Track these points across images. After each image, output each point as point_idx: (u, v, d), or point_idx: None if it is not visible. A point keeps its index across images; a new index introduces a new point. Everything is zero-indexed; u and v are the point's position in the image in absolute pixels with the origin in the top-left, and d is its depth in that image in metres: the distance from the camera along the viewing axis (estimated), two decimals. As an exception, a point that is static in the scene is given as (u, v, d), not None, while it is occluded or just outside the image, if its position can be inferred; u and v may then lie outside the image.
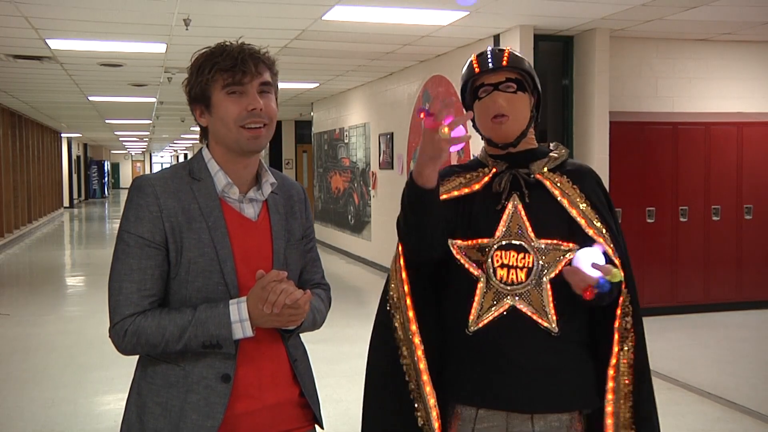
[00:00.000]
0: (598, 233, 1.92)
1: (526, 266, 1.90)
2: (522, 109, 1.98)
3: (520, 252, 1.91)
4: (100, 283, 10.57)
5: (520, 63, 2.00)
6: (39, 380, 5.66)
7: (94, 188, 35.47)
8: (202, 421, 1.72)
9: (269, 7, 6.19)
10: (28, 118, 17.85)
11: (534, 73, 2.03)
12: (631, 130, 7.50)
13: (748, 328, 7.24)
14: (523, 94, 1.98)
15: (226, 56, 1.77)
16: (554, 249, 1.92)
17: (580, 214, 1.94)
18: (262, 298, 1.66)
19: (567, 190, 1.97)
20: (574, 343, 1.92)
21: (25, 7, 6.09)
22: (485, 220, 1.97)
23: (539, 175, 1.99)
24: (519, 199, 1.96)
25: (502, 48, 2.04)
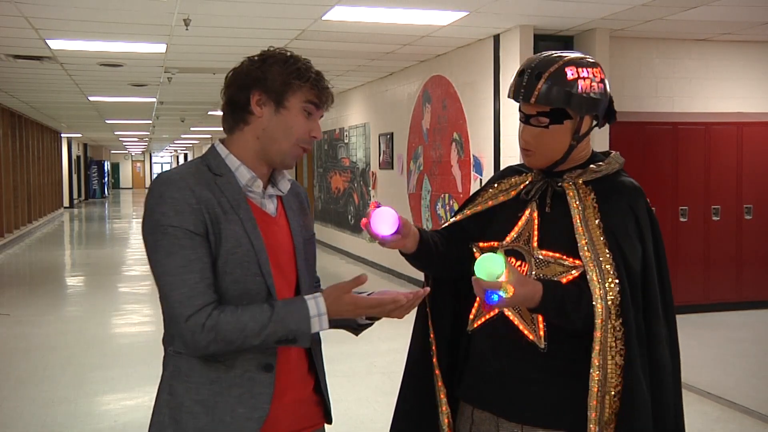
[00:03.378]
0: (592, 259, 1.78)
1: (522, 272, 1.87)
2: (551, 143, 1.87)
3: (518, 259, 1.89)
4: (100, 283, 10.59)
5: (555, 98, 1.81)
6: (39, 380, 5.66)
7: (94, 188, 35.45)
8: (249, 413, 1.72)
9: (269, 7, 6.19)
10: (28, 118, 17.85)
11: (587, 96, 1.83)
12: (631, 130, 7.50)
13: (748, 328, 7.24)
14: (557, 127, 1.85)
15: (319, 77, 1.80)
16: (555, 263, 1.85)
17: (584, 233, 1.82)
18: (384, 312, 1.76)
19: (587, 206, 1.87)
20: (564, 360, 1.83)
21: (25, 7, 6.09)
22: (504, 224, 1.97)
23: (567, 185, 1.91)
24: (537, 208, 1.92)
25: (542, 72, 1.82)
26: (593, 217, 1.84)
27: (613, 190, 1.90)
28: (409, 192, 9.84)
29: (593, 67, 1.87)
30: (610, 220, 1.84)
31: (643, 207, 1.90)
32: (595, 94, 1.84)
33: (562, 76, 1.81)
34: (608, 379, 1.74)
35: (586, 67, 1.85)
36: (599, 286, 1.75)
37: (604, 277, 1.76)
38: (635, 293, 1.79)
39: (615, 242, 1.81)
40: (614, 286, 1.75)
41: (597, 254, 1.79)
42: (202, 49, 8.09)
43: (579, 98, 1.81)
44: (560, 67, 1.82)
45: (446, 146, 8.61)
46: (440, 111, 8.77)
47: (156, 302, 8.59)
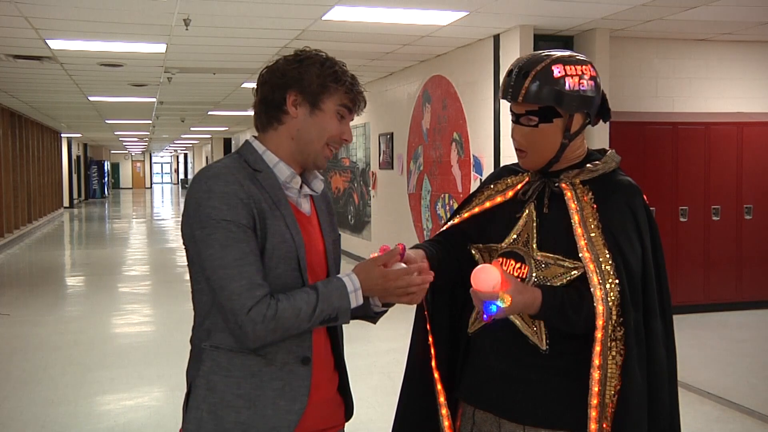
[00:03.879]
0: (592, 259, 1.78)
1: (521, 276, 1.86)
2: (542, 142, 1.87)
3: (518, 261, 1.89)
4: (100, 283, 10.59)
5: (542, 96, 1.81)
6: (39, 380, 5.66)
7: (94, 188, 35.45)
8: (290, 405, 1.74)
9: (269, 7, 6.19)
10: (28, 118, 17.85)
11: (575, 94, 1.83)
12: (631, 130, 7.50)
13: (748, 328, 7.25)
14: (546, 125, 1.85)
15: (354, 81, 1.85)
16: (555, 264, 1.84)
17: (583, 234, 1.81)
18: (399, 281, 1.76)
19: (584, 206, 1.86)
20: (565, 361, 1.83)
21: (25, 7, 6.09)
22: (502, 226, 1.96)
23: (564, 185, 1.90)
24: (536, 209, 1.91)
25: (528, 71, 1.83)
26: (592, 218, 1.84)
27: (610, 189, 1.89)
28: (409, 192, 9.84)
29: (583, 64, 1.86)
30: (609, 220, 1.83)
31: (640, 205, 1.89)
32: (584, 91, 1.84)
33: (549, 74, 1.81)
34: (608, 378, 1.75)
35: (575, 64, 1.84)
36: (600, 287, 1.75)
37: (604, 278, 1.76)
38: (635, 293, 1.79)
39: (614, 242, 1.80)
40: (614, 286, 1.76)
41: (597, 255, 1.78)
42: (202, 49, 8.09)
43: (567, 96, 1.81)
44: (547, 66, 1.82)
45: (446, 146, 8.61)
46: (440, 111, 8.78)
47: (156, 302, 8.62)
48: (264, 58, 8.74)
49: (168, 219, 24.19)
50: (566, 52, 1.90)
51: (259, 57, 8.69)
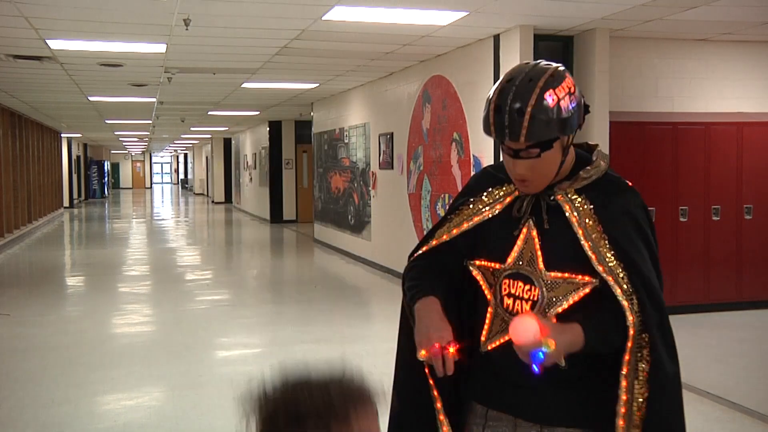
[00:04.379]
0: (608, 272, 1.76)
1: (532, 299, 1.83)
2: (546, 169, 1.81)
3: (527, 283, 1.85)
4: (100, 283, 10.59)
5: (544, 132, 1.73)
6: (39, 380, 5.66)
7: (94, 188, 35.43)
8: None
9: (269, 7, 6.19)
10: (28, 118, 17.85)
11: (570, 115, 1.76)
12: (631, 130, 7.50)
13: (748, 328, 7.24)
14: (548, 152, 1.78)
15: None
16: (565, 282, 1.82)
17: (592, 247, 1.78)
18: None
19: (586, 217, 1.82)
20: (582, 368, 1.83)
21: (25, 7, 6.09)
22: (501, 244, 1.90)
23: (560, 196, 1.85)
24: (535, 225, 1.86)
25: (523, 108, 1.71)
26: (595, 229, 1.81)
27: (607, 195, 1.85)
28: (409, 192, 9.84)
29: (562, 78, 1.77)
30: (613, 230, 1.81)
31: (639, 206, 1.87)
32: (576, 107, 1.78)
33: (544, 107, 1.72)
34: (636, 387, 1.76)
35: (560, 83, 1.76)
36: (625, 298, 1.74)
37: (623, 288, 1.75)
38: (654, 300, 1.79)
39: (624, 254, 1.79)
40: (635, 299, 1.75)
41: (610, 268, 1.77)
42: (202, 49, 8.09)
43: (566, 121, 1.75)
44: (539, 98, 1.72)
45: (446, 146, 8.61)
46: (440, 111, 8.77)
47: (156, 302, 8.62)
48: (264, 58, 8.75)
49: (168, 219, 24.19)
50: (544, 68, 1.78)
51: (259, 57, 8.69)
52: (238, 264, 13.54)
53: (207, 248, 15.79)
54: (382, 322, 8.06)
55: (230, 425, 4.60)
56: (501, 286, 1.89)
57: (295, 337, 7.02)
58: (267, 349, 6.73)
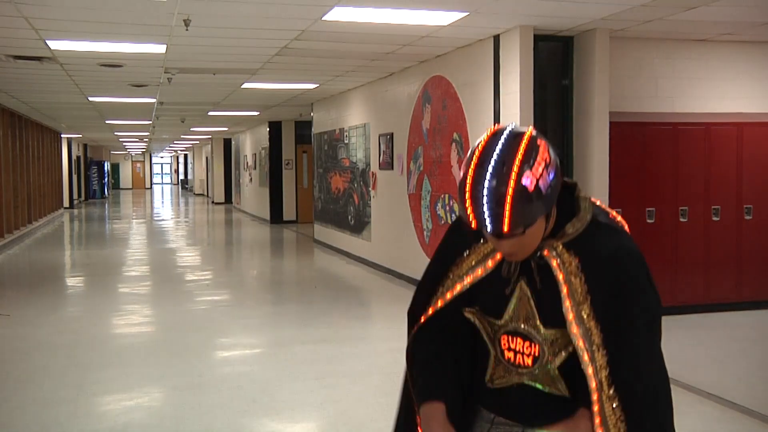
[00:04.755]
0: (582, 335, 1.72)
1: (533, 354, 1.83)
2: (532, 240, 1.73)
3: (526, 340, 1.84)
4: (100, 283, 10.59)
5: (529, 217, 1.64)
6: (39, 380, 5.66)
7: (94, 189, 35.43)
8: None
9: (269, 7, 6.19)
10: (28, 118, 17.85)
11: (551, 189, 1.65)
12: (631, 130, 7.51)
13: (748, 328, 7.25)
14: (533, 227, 1.68)
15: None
16: (564, 336, 1.80)
17: (572, 307, 1.74)
18: None
19: (572, 274, 1.76)
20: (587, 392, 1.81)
21: (25, 7, 6.09)
22: (494, 301, 1.87)
23: (547, 251, 1.78)
24: (528, 285, 1.82)
25: (501, 199, 1.60)
26: (580, 287, 1.75)
27: (594, 247, 1.77)
28: (409, 192, 9.84)
29: (538, 149, 1.64)
30: (597, 289, 1.74)
31: (628, 253, 1.78)
32: (554, 177, 1.66)
33: (524, 193, 1.60)
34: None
35: (535, 157, 1.62)
36: (590, 365, 1.71)
37: (593, 351, 1.72)
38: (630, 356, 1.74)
39: (603, 312, 1.73)
40: (603, 359, 1.71)
41: (587, 329, 1.73)
42: (202, 49, 8.09)
43: (547, 198, 1.65)
44: (517, 184, 1.59)
45: (446, 146, 8.62)
46: (440, 111, 8.78)
47: (156, 302, 8.63)
48: (264, 58, 8.75)
49: (168, 219, 24.20)
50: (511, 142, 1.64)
51: (259, 57, 8.69)
52: (238, 264, 13.54)
53: (207, 249, 15.79)
54: (382, 322, 8.06)
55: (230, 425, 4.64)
56: (500, 341, 1.88)
57: (295, 337, 7.03)
58: (267, 349, 6.73)
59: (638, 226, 7.52)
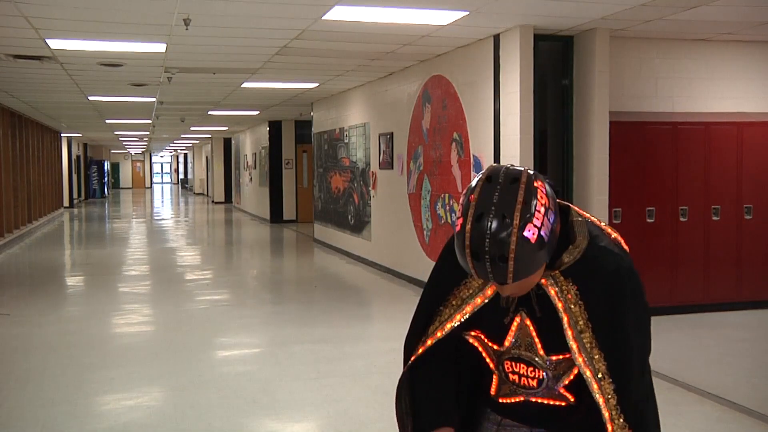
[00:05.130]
0: (587, 363, 1.71)
1: (537, 377, 1.84)
2: (533, 280, 1.71)
3: (529, 366, 1.84)
4: (100, 283, 10.59)
5: (532, 268, 1.61)
6: (39, 380, 5.66)
7: (94, 188, 35.44)
8: None
9: (269, 7, 6.19)
10: (28, 118, 17.85)
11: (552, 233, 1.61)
12: (631, 130, 7.50)
13: (748, 328, 7.24)
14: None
15: None
16: (566, 361, 1.80)
17: (575, 336, 1.72)
18: None
19: (571, 303, 1.74)
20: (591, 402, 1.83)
21: (25, 7, 6.09)
22: (495, 328, 1.86)
23: (545, 281, 1.75)
24: (527, 314, 1.81)
25: (505, 255, 1.56)
26: (580, 316, 1.73)
27: (591, 273, 1.73)
28: (409, 192, 9.84)
29: (537, 192, 1.59)
30: (598, 315, 1.73)
31: (625, 275, 1.74)
32: (554, 219, 1.62)
33: (527, 246, 1.56)
34: None
35: (535, 205, 1.57)
36: (600, 394, 1.71)
37: (600, 380, 1.71)
38: (635, 384, 1.75)
39: (605, 340, 1.72)
40: (610, 387, 1.71)
41: (591, 357, 1.72)
42: (202, 49, 8.09)
43: (550, 244, 1.61)
44: (519, 237, 1.55)
45: (446, 146, 8.61)
46: (440, 111, 8.77)
47: (156, 302, 8.60)
48: (264, 58, 8.75)
49: (168, 219, 24.19)
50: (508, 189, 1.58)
51: (259, 57, 8.69)
52: (238, 264, 13.54)
53: (207, 248, 15.79)
54: (382, 322, 8.06)
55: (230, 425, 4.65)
56: (504, 365, 1.88)
57: (295, 337, 7.03)
58: (267, 349, 6.73)
59: (638, 226, 7.52)
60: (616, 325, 1.72)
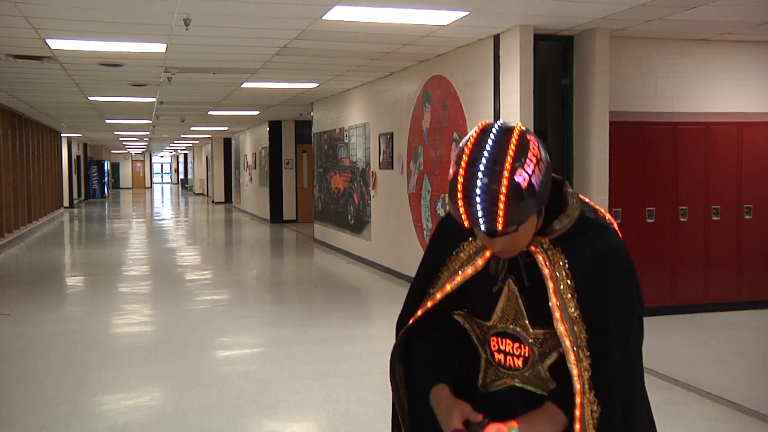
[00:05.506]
0: (568, 333, 1.70)
1: (523, 355, 1.83)
2: (524, 238, 1.70)
3: (515, 341, 1.83)
4: (100, 283, 10.59)
5: (523, 215, 1.61)
6: (39, 380, 5.66)
7: (94, 188, 35.44)
8: None
9: (269, 7, 6.19)
10: (28, 118, 17.85)
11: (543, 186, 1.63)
12: (631, 130, 7.51)
13: (748, 328, 7.24)
14: (526, 224, 1.66)
15: None
16: (552, 336, 1.78)
17: (559, 304, 1.72)
18: None
19: (559, 271, 1.74)
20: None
21: (25, 7, 6.09)
22: (483, 301, 1.86)
23: (534, 247, 1.76)
24: (515, 283, 1.81)
25: (495, 197, 1.56)
26: (567, 285, 1.73)
27: (581, 245, 1.75)
28: (409, 192, 9.84)
29: (528, 144, 1.61)
30: (584, 287, 1.73)
31: (615, 250, 1.76)
32: (546, 173, 1.63)
33: (518, 191, 1.57)
34: None
35: (526, 154, 1.59)
36: (576, 365, 1.70)
37: (578, 352, 1.71)
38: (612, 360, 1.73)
39: (588, 310, 1.72)
40: (587, 360, 1.71)
41: (572, 326, 1.71)
42: (202, 49, 8.09)
43: (540, 195, 1.62)
44: (510, 181, 1.57)
45: (446, 146, 8.62)
46: (440, 111, 8.78)
47: (156, 302, 8.60)
48: (264, 58, 8.75)
49: (168, 219, 24.19)
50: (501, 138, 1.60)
51: (259, 57, 8.69)
52: (238, 264, 13.54)
53: (207, 248, 15.79)
54: (382, 322, 8.06)
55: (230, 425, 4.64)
56: (490, 342, 1.88)
57: (295, 337, 7.03)
58: (267, 349, 6.73)
59: (638, 226, 7.52)
60: (601, 300, 1.72)
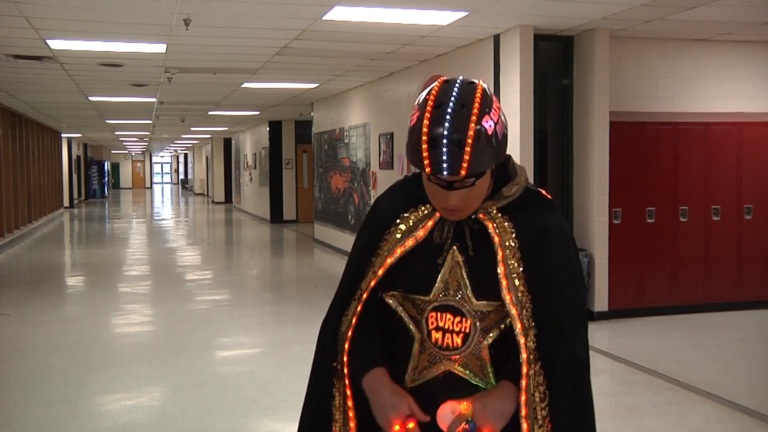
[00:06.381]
0: (515, 302, 1.69)
1: (463, 331, 1.74)
2: (478, 193, 1.68)
3: (456, 315, 1.74)
4: (100, 283, 10.59)
5: (485, 162, 1.60)
6: (39, 380, 5.66)
7: (94, 188, 35.42)
8: None
9: (269, 7, 6.19)
10: (28, 118, 17.85)
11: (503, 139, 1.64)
12: (631, 130, 7.50)
13: (748, 328, 7.24)
14: (482, 179, 1.65)
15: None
16: (495, 311, 1.74)
17: (506, 273, 1.69)
18: None
19: (507, 239, 1.72)
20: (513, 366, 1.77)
21: (25, 7, 6.09)
22: (423, 274, 1.77)
23: (482, 215, 1.73)
24: (460, 252, 1.75)
25: (462, 140, 1.56)
26: (513, 253, 1.72)
27: (528, 214, 1.76)
28: (409, 192, 9.83)
29: (493, 99, 1.64)
30: (530, 255, 1.73)
31: (559, 223, 1.78)
32: (505, 128, 1.66)
33: (483, 136, 1.58)
34: (537, 412, 1.69)
35: (491, 105, 1.62)
36: (522, 335, 1.68)
37: (525, 322, 1.69)
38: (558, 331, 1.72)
39: (533, 281, 1.72)
40: (533, 331, 1.70)
41: (518, 296, 1.70)
42: (202, 49, 8.09)
43: (501, 147, 1.63)
44: (478, 125, 1.57)
45: (446, 146, 8.60)
46: (440, 111, 8.76)
47: (156, 302, 8.61)
48: (264, 58, 8.75)
49: (168, 219, 24.19)
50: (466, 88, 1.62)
51: (259, 57, 8.69)
52: (238, 264, 13.54)
53: (207, 248, 15.79)
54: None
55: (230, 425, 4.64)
56: (428, 320, 1.77)
57: (295, 336, 7.03)
58: (267, 349, 6.73)
59: (638, 226, 7.52)
60: (545, 271, 1.73)
